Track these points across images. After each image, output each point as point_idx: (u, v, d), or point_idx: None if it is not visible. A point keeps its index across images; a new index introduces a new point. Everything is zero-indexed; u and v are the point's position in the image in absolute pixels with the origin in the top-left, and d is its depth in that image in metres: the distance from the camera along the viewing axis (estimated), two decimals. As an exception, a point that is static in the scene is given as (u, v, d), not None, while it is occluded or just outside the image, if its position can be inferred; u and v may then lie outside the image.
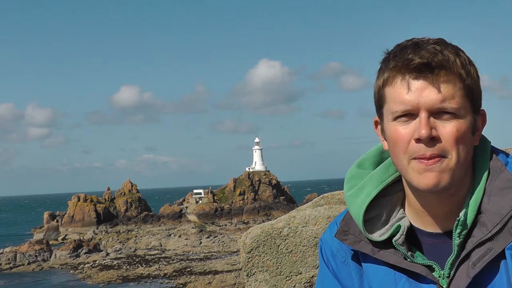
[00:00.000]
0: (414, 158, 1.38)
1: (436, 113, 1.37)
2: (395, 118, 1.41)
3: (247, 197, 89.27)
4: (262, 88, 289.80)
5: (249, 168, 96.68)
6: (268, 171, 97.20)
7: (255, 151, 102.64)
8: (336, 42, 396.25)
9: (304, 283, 3.12)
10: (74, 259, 57.06)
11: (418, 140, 1.37)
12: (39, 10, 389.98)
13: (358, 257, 1.56)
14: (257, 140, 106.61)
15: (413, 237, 1.50)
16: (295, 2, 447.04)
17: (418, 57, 1.37)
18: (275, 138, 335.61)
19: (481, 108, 1.46)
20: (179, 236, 67.63)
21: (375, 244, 1.50)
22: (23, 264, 55.37)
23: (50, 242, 67.19)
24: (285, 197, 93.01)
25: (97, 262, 55.07)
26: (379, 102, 1.46)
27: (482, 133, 1.49)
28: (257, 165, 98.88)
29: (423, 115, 1.36)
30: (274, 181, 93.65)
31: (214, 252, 59.39)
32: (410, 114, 1.39)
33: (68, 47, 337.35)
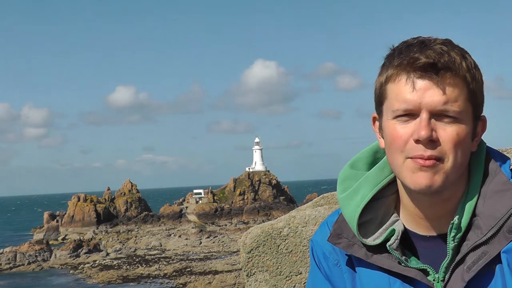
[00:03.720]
0: (411, 158, 1.36)
1: (437, 115, 1.34)
2: (395, 117, 1.38)
3: (247, 197, 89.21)
4: (258, 88, 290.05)
5: (249, 168, 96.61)
6: (268, 171, 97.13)
7: (255, 151, 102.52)
8: (330, 43, 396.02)
9: (304, 283, 3.13)
10: (74, 259, 57.02)
11: (417, 141, 1.34)
12: (35, 10, 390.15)
13: (352, 261, 1.53)
14: (257, 140, 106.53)
15: (407, 240, 1.48)
16: (291, 2, 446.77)
17: (424, 57, 1.33)
18: (272, 138, 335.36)
19: (482, 114, 1.43)
20: (179, 236, 67.57)
21: (369, 248, 1.47)
22: (23, 264, 55.32)
23: (50, 242, 67.12)
24: (285, 197, 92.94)
25: (97, 262, 55.02)
26: (380, 98, 1.43)
27: None
28: (257, 165, 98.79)
29: (424, 116, 1.33)
30: (274, 181, 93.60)
31: (214, 252, 59.34)
32: (411, 114, 1.35)
33: (64, 48, 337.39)
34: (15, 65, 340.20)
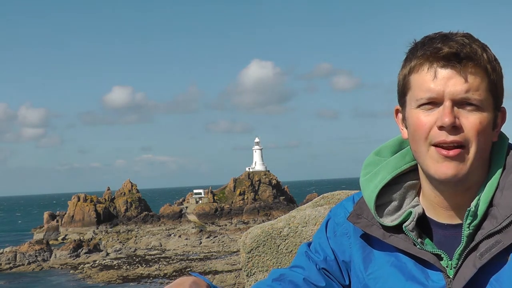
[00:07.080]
0: (434, 145, 1.40)
1: (460, 103, 1.39)
2: (419, 106, 1.42)
3: (247, 197, 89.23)
4: (254, 88, 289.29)
5: (249, 168, 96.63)
6: (268, 171, 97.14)
7: (255, 151, 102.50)
8: (326, 43, 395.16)
9: (304, 283, 3.13)
10: (74, 259, 57.05)
11: (440, 128, 1.39)
12: (32, 11, 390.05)
13: (368, 238, 1.58)
14: (257, 140, 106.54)
15: (426, 226, 1.52)
16: (287, 3, 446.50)
17: (447, 47, 1.39)
18: (270, 138, 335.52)
19: (502, 106, 1.48)
20: (179, 236, 67.58)
21: (387, 229, 1.52)
22: (23, 264, 55.35)
23: (50, 242, 67.16)
24: (285, 197, 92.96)
25: (97, 262, 55.04)
26: (403, 89, 1.48)
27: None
28: (257, 165, 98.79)
29: (447, 103, 1.38)
30: (274, 181, 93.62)
31: (214, 252, 59.36)
32: (434, 103, 1.40)
33: (61, 48, 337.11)
34: (13, 65, 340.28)
